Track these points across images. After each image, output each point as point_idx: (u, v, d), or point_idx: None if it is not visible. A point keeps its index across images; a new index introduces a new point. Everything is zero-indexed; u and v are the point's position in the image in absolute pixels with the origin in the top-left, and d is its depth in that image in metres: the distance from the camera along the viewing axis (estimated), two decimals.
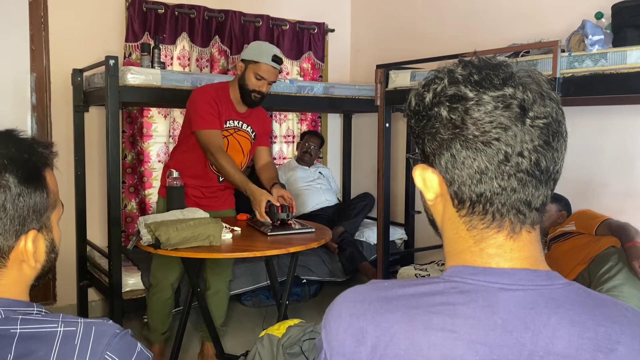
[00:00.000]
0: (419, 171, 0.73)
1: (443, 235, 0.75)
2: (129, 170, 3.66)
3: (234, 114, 2.69)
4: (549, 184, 0.69)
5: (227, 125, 2.67)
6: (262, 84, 2.58)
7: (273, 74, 2.59)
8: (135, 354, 0.82)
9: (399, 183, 4.02)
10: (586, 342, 0.63)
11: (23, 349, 0.77)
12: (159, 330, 2.82)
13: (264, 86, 2.60)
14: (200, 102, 2.58)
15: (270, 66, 2.56)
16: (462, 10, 3.55)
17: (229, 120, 2.67)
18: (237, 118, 2.70)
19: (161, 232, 2.11)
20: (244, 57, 2.62)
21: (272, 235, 2.37)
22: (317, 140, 4.19)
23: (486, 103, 0.66)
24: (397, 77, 3.04)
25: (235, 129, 2.71)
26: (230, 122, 2.68)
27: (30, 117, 3.41)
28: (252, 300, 3.67)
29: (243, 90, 2.61)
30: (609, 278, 2.26)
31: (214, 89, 2.66)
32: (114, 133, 2.76)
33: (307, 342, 1.90)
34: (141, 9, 3.57)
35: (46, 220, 0.88)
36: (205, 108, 2.56)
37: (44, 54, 3.38)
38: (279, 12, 4.15)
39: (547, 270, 0.69)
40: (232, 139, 2.71)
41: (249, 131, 2.76)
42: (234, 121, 2.69)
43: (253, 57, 2.58)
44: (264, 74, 2.56)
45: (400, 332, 0.66)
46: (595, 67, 2.14)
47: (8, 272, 0.85)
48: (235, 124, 2.70)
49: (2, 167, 0.82)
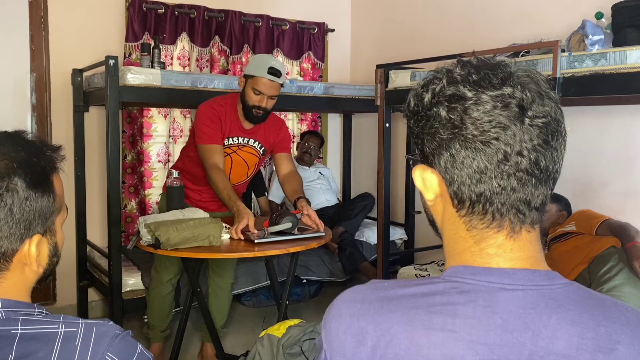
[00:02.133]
0: (418, 171, 0.73)
1: (443, 235, 0.75)
2: (129, 170, 3.67)
3: (239, 130, 2.61)
4: (549, 183, 0.69)
5: (231, 142, 2.61)
6: (261, 98, 2.48)
7: (271, 88, 2.48)
8: (136, 355, 0.82)
9: (399, 183, 4.02)
10: (586, 342, 0.63)
11: (24, 350, 0.77)
12: (158, 327, 2.82)
13: (264, 101, 2.49)
14: (203, 116, 2.54)
15: (267, 79, 2.45)
16: (462, 10, 3.55)
17: (233, 137, 2.61)
18: (243, 135, 2.63)
19: (161, 232, 2.11)
20: (245, 71, 2.56)
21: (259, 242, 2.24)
22: (317, 140, 4.19)
23: (485, 102, 0.66)
24: (397, 77, 3.04)
25: (239, 146, 2.65)
26: (234, 139, 2.61)
27: (30, 117, 3.41)
28: (252, 300, 3.67)
29: (244, 106, 2.54)
30: (609, 278, 2.26)
31: (220, 105, 2.59)
32: (114, 133, 2.76)
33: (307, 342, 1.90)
34: (141, 9, 3.57)
35: (51, 224, 0.88)
36: (207, 123, 2.53)
37: (44, 54, 3.38)
38: (279, 12, 4.15)
39: (547, 270, 0.69)
40: (236, 156, 2.66)
41: (256, 147, 2.69)
42: (238, 138, 2.62)
43: (251, 71, 2.49)
44: (262, 88, 2.46)
45: (401, 332, 0.66)
46: (595, 67, 2.14)
47: (10, 275, 0.85)
48: (239, 140, 2.63)
49: (11, 170, 0.82)
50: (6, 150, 0.83)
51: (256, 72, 2.47)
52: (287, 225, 2.33)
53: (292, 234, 2.35)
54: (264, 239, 2.27)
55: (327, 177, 4.25)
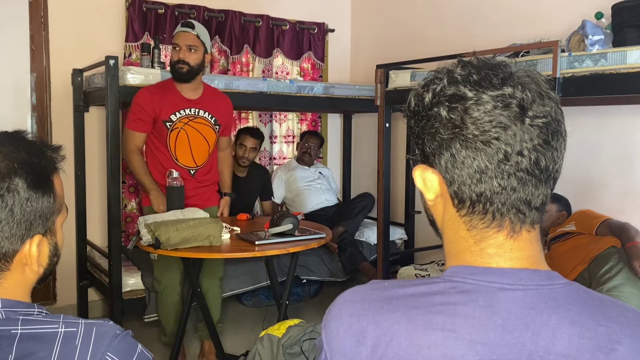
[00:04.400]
0: (418, 171, 0.73)
1: (443, 235, 0.75)
2: (129, 170, 3.66)
3: (183, 101, 2.69)
4: (549, 183, 0.69)
5: (179, 115, 2.68)
6: (178, 52, 2.61)
7: (185, 38, 2.61)
8: (136, 355, 0.82)
9: (399, 183, 4.02)
10: (586, 342, 0.63)
11: (24, 350, 0.77)
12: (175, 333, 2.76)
13: (182, 53, 2.60)
14: (135, 101, 2.65)
15: (179, 32, 2.63)
16: (462, 10, 3.55)
17: (179, 111, 2.68)
18: (189, 105, 2.70)
19: (161, 232, 2.11)
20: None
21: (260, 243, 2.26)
22: (316, 140, 4.18)
23: (485, 102, 0.66)
24: (397, 77, 3.04)
25: (189, 118, 2.70)
26: (180, 112, 2.68)
27: (30, 117, 3.41)
28: (252, 300, 3.67)
29: (171, 68, 2.66)
30: (609, 278, 2.26)
31: (158, 86, 2.70)
32: (114, 133, 2.76)
33: (307, 342, 1.90)
34: (141, 9, 3.57)
35: (51, 224, 0.88)
36: (137, 108, 2.63)
37: (44, 54, 3.38)
38: (279, 12, 4.15)
39: (547, 270, 0.69)
40: (189, 128, 2.71)
41: (208, 117, 2.75)
42: (185, 110, 2.69)
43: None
44: (177, 40, 2.63)
45: (401, 332, 0.66)
46: (595, 67, 2.14)
47: (11, 275, 0.85)
48: (187, 112, 2.70)
49: (12, 171, 0.82)
50: (7, 150, 0.83)
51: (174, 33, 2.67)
52: (288, 227, 2.33)
53: (293, 235, 2.35)
54: (265, 240, 2.27)
55: (327, 177, 4.25)
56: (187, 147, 2.70)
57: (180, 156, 2.70)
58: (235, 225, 2.54)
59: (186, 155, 2.71)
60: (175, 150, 2.68)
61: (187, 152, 2.71)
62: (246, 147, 3.58)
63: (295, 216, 2.37)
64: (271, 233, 2.32)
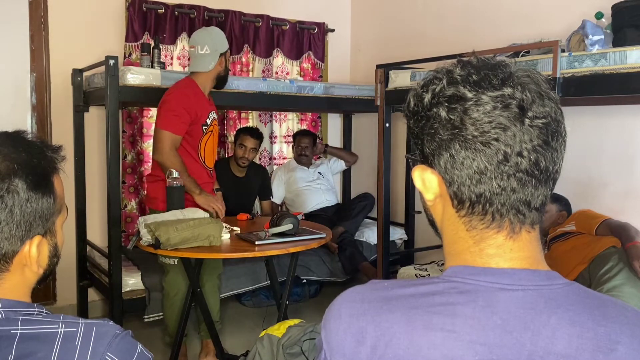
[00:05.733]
0: (418, 172, 0.73)
1: (443, 235, 0.75)
2: (129, 170, 3.66)
3: (210, 105, 2.77)
4: (549, 184, 0.69)
5: (212, 117, 2.75)
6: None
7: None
8: (136, 355, 0.82)
9: (399, 183, 4.02)
10: (586, 342, 0.63)
11: (24, 350, 0.77)
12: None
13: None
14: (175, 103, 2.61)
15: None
16: (462, 10, 3.55)
17: (210, 112, 2.74)
18: (212, 108, 2.78)
19: (161, 232, 2.11)
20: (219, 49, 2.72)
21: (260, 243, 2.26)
22: (308, 139, 4.15)
23: (485, 103, 0.66)
24: (397, 77, 3.04)
25: (216, 120, 2.81)
26: (211, 115, 2.74)
27: (30, 117, 3.41)
28: (252, 300, 3.67)
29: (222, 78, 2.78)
30: (609, 278, 2.26)
31: (189, 88, 2.68)
32: (114, 133, 2.76)
33: (307, 342, 1.90)
34: (141, 9, 3.57)
35: (51, 225, 0.88)
36: (179, 111, 2.59)
37: (44, 54, 3.38)
38: (279, 12, 4.15)
39: (546, 270, 0.69)
40: (215, 132, 2.82)
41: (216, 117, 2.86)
42: (212, 112, 2.77)
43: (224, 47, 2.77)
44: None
45: (400, 332, 0.66)
46: (595, 67, 2.14)
47: (11, 276, 0.85)
48: (214, 115, 2.78)
49: (12, 171, 0.81)
50: (7, 151, 0.83)
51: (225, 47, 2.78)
52: (288, 227, 2.33)
53: (293, 235, 2.35)
54: (265, 240, 2.27)
55: (327, 170, 4.23)
56: (211, 149, 2.80)
57: (207, 158, 2.78)
58: (235, 225, 2.54)
59: (211, 157, 2.82)
60: (204, 152, 2.75)
61: (211, 154, 2.81)
62: (246, 147, 3.58)
63: (296, 216, 2.38)
64: (271, 233, 2.32)
